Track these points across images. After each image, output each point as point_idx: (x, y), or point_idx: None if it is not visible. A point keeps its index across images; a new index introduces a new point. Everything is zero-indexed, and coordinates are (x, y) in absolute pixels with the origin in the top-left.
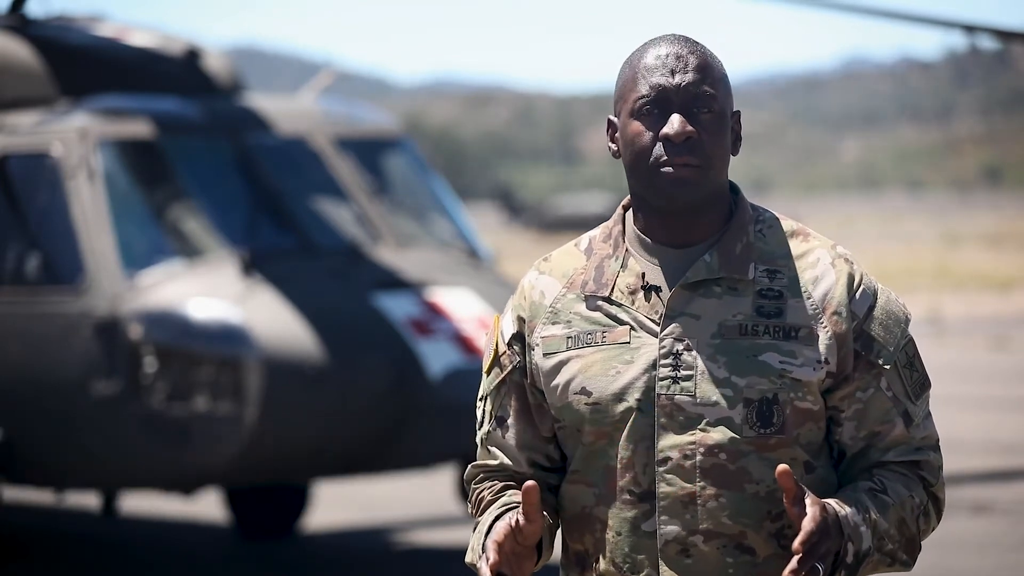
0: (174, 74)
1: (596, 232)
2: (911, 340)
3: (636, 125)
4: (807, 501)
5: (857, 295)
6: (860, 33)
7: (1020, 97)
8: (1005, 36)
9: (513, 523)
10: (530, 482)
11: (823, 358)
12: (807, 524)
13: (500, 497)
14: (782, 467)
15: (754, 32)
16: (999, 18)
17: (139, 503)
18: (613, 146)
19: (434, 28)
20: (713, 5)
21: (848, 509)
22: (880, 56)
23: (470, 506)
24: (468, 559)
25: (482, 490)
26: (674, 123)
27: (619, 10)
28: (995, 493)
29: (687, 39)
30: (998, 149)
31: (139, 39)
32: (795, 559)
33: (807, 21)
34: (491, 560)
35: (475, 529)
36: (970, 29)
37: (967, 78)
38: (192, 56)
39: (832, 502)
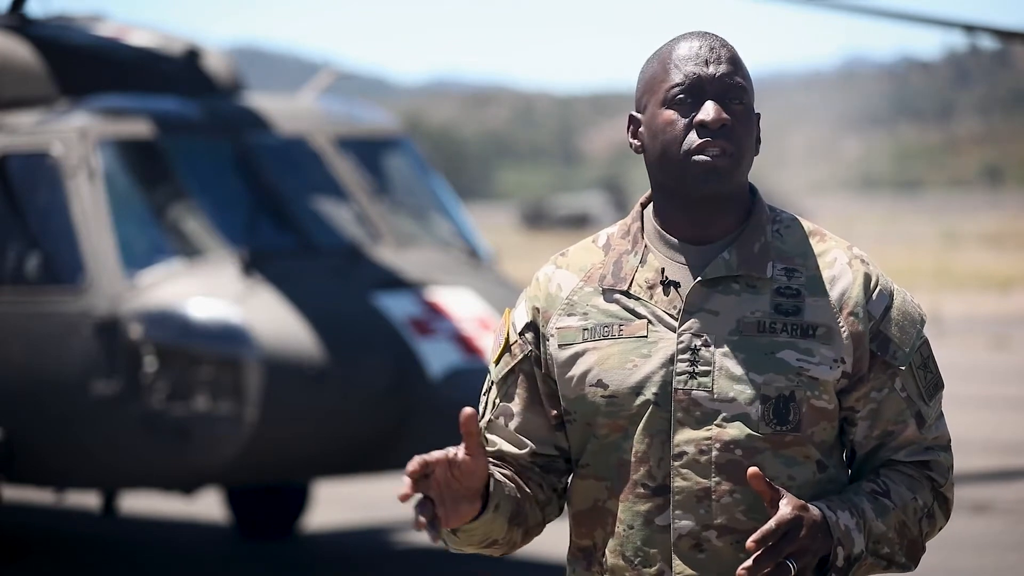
0: (174, 74)
1: (614, 228)
2: (926, 341)
3: (669, 114)
4: (782, 502)
5: (874, 296)
6: (860, 33)
7: (1020, 97)
8: (1005, 36)
9: (451, 453)
10: (467, 409)
11: (839, 357)
12: (769, 523)
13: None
14: (752, 471)
15: (754, 32)
16: (999, 18)
17: (139, 503)
18: (635, 142)
19: (434, 28)
20: (713, 5)
21: (840, 513)
22: (880, 56)
23: None
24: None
25: None
26: (709, 110)
27: (619, 10)
28: (995, 493)
29: (716, 35)
30: (998, 149)
31: (139, 39)
32: (751, 558)
33: (807, 21)
34: (409, 468)
35: None
36: (970, 29)
37: (967, 78)
38: (192, 56)
39: (821, 504)
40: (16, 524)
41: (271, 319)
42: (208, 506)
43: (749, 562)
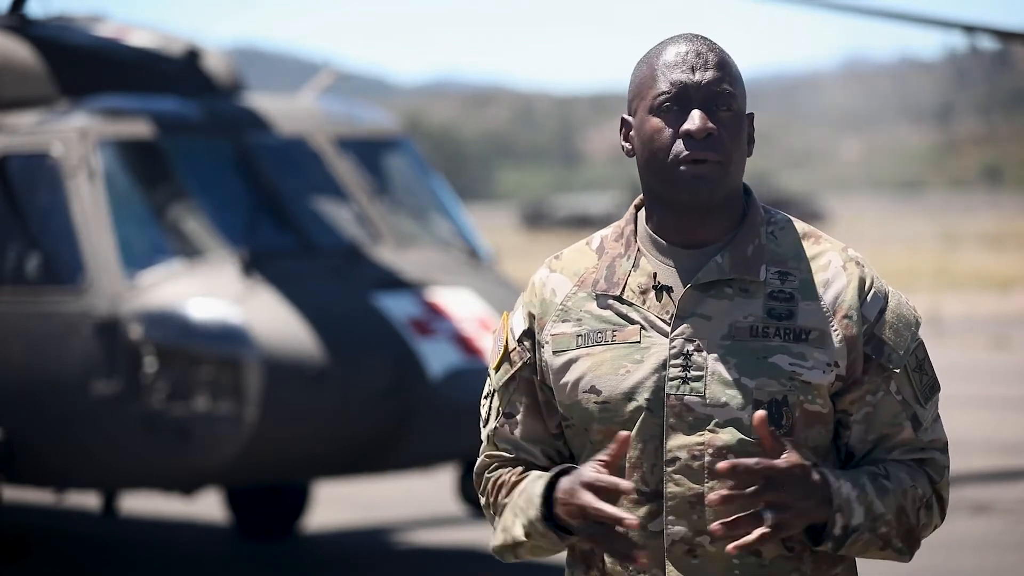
0: (174, 74)
1: (608, 231)
2: (921, 343)
3: (655, 122)
4: (784, 455)
5: (868, 298)
6: (860, 33)
7: (1020, 97)
8: (1005, 36)
9: (599, 465)
10: (624, 432)
11: (833, 361)
12: (750, 460)
13: (527, 476)
14: (758, 414)
15: (754, 32)
16: (999, 18)
17: (139, 503)
18: (627, 145)
19: (434, 28)
20: (713, 5)
21: (843, 482)
22: (880, 56)
23: (488, 493)
24: (499, 541)
25: (501, 474)
26: (695, 119)
27: (619, 10)
28: (995, 493)
29: (705, 38)
30: (998, 149)
31: (139, 39)
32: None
33: (807, 21)
34: (625, 486)
35: (498, 511)
36: (970, 29)
37: (967, 78)
38: (192, 56)
39: (825, 470)
40: (16, 524)
41: (271, 319)
42: (208, 506)
43: (719, 494)
